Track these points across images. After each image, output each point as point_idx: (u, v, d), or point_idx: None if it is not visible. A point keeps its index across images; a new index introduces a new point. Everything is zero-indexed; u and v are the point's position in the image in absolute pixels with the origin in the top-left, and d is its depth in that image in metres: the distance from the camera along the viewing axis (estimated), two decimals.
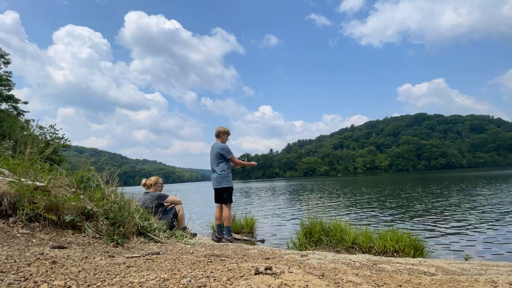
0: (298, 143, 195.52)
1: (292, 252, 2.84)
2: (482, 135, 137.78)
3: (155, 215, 3.33)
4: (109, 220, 2.30)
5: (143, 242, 2.43)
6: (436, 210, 8.00)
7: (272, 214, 8.80)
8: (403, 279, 1.64)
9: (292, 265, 1.83)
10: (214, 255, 2.10)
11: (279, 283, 1.29)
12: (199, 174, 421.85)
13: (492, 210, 7.36)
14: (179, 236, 3.02)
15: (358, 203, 10.71)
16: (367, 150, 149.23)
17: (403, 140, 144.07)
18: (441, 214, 7.21)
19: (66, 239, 1.95)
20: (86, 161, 3.13)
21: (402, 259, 2.84)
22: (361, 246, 3.91)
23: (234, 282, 1.30)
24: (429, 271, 2.19)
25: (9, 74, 21.97)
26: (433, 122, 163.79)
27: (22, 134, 8.92)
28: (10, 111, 21.29)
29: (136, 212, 2.62)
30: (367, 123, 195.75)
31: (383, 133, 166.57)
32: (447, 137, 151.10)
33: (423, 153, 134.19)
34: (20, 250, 1.54)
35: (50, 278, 1.19)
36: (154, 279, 1.28)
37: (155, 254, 1.94)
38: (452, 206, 8.61)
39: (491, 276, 1.87)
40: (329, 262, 2.22)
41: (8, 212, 1.92)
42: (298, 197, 15.17)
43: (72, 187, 2.52)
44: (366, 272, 1.80)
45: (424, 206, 8.97)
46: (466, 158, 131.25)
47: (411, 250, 3.62)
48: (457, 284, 1.56)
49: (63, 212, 2.10)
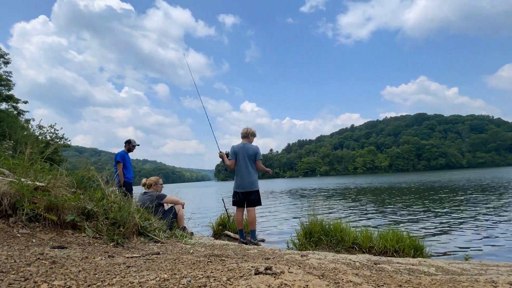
0: (298, 143, 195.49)
1: (292, 252, 2.84)
2: (482, 135, 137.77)
3: (155, 215, 3.33)
4: (109, 220, 2.30)
5: (143, 242, 2.43)
6: (436, 210, 8.00)
7: (272, 214, 8.80)
8: (403, 279, 1.64)
9: (292, 265, 1.83)
10: (214, 255, 2.10)
11: (279, 283, 1.29)
12: (199, 174, 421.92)
13: (492, 210, 7.36)
14: (179, 236, 3.02)
15: (358, 203, 10.72)
16: (367, 150, 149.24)
17: (403, 140, 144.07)
18: (441, 214, 7.21)
19: (66, 239, 1.95)
20: (86, 161, 3.13)
21: (402, 259, 2.83)
22: (361, 246, 3.91)
23: (234, 282, 1.30)
24: (429, 271, 2.19)
25: (9, 74, 21.98)
26: (433, 122, 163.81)
27: (23, 134, 8.92)
28: (10, 111, 21.30)
29: (136, 212, 2.62)
30: (367, 123, 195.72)
31: (383, 133, 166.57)
32: (447, 137, 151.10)
33: (423, 153, 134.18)
34: (20, 250, 1.54)
35: (50, 278, 1.19)
36: (154, 279, 1.28)
37: (155, 254, 1.93)
38: (452, 206, 8.61)
39: (491, 276, 1.87)
40: (329, 262, 2.22)
41: (8, 212, 1.92)
42: (298, 197, 15.18)
43: (72, 187, 2.52)
44: (366, 272, 1.80)
45: (424, 205, 8.97)
46: (466, 158, 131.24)
47: (411, 250, 3.61)
48: (457, 284, 1.56)
49: (63, 212, 2.10)
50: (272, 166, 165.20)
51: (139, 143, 6.01)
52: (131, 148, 5.85)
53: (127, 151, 5.80)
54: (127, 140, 5.86)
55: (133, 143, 5.85)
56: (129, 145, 5.81)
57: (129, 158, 5.83)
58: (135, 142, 5.90)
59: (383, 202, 10.77)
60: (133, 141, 5.88)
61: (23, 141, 4.07)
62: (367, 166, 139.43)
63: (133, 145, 5.85)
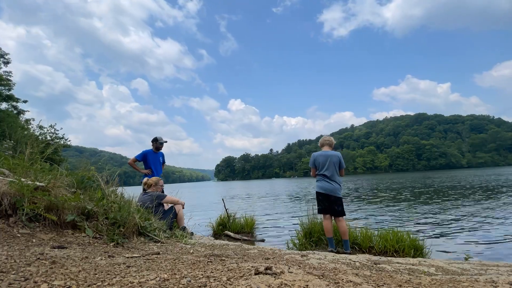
0: (298, 143, 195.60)
1: (292, 252, 2.84)
2: (482, 135, 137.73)
3: (155, 215, 3.33)
4: (109, 220, 2.30)
5: (143, 242, 2.43)
6: (436, 210, 8.00)
7: (272, 214, 8.80)
8: (403, 279, 1.64)
9: (292, 265, 1.83)
10: (214, 255, 2.10)
11: (279, 283, 1.29)
12: (199, 174, 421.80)
13: (492, 210, 7.36)
14: (179, 236, 3.02)
15: (358, 203, 10.72)
16: (367, 150, 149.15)
17: (403, 140, 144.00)
18: (441, 214, 7.21)
19: (66, 239, 1.95)
20: (86, 161, 3.13)
21: (402, 259, 2.84)
22: (361, 246, 3.91)
23: (234, 282, 1.30)
24: (429, 271, 2.19)
25: (9, 74, 21.98)
26: (433, 122, 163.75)
27: (23, 134, 8.93)
28: (10, 110, 21.30)
29: (136, 212, 2.62)
30: (367, 123, 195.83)
31: (383, 133, 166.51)
32: (447, 137, 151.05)
33: (423, 153, 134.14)
34: (20, 250, 1.54)
35: (50, 278, 1.19)
36: (154, 279, 1.28)
37: (155, 254, 1.94)
38: (452, 206, 8.61)
39: (491, 276, 1.87)
40: (329, 262, 2.22)
41: (8, 212, 1.92)
42: (298, 197, 15.17)
43: (72, 187, 2.52)
44: (366, 272, 1.80)
45: (424, 205, 8.97)
46: (466, 158, 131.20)
47: (411, 250, 3.61)
48: (457, 284, 1.56)
49: (63, 212, 2.10)
50: (272, 166, 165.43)
51: (166, 140, 5.42)
52: (159, 146, 5.30)
53: (155, 150, 5.28)
54: (154, 138, 5.33)
55: (159, 141, 5.28)
56: (156, 143, 5.27)
57: (156, 158, 5.29)
58: (162, 139, 5.33)
59: (383, 202, 10.77)
60: (159, 138, 5.31)
61: (23, 141, 4.07)
62: (367, 166, 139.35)
63: (160, 142, 5.29)
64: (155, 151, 5.29)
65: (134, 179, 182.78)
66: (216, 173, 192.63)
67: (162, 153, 5.45)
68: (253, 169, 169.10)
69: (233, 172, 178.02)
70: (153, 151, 5.28)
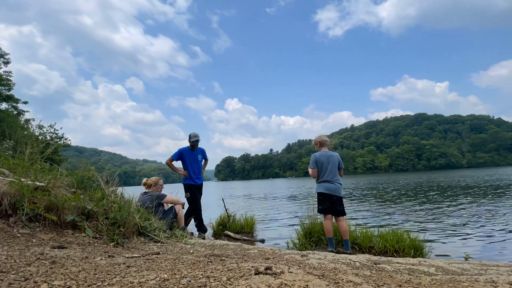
0: (298, 143, 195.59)
1: (292, 252, 2.84)
2: (482, 135, 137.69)
3: (155, 215, 3.33)
4: (109, 220, 2.30)
5: (143, 242, 2.43)
6: (436, 210, 8.00)
7: (272, 214, 8.80)
8: (403, 279, 1.64)
9: (292, 265, 1.83)
10: (214, 255, 2.10)
11: (279, 283, 1.29)
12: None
13: (492, 210, 7.36)
14: (179, 236, 3.02)
15: (358, 203, 10.72)
16: (367, 150, 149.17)
17: (403, 140, 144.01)
18: (441, 214, 7.21)
19: (66, 239, 1.95)
20: (86, 161, 3.13)
21: (402, 259, 2.83)
22: (361, 246, 3.91)
23: (234, 282, 1.30)
24: (429, 271, 2.19)
25: (9, 74, 21.98)
26: (433, 122, 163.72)
27: (23, 134, 8.93)
28: (10, 111, 21.30)
29: (136, 212, 2.62)
30: (367, 123, 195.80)
31: (383, 133, 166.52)
32: (447, 137, 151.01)
33: (423, 153, 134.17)
34: (20, 250, 1.54)
35: (50, 278, 1.19)
36: (154, 279, 1.28)
37: (155, 254, 1.94)
38: (452, 206, 8.61)
39: (491, 276, 1.87)
40: (329, 262, 2.22)
41: (8, 212, 1.92)
42: (298, 197, 15.17)
43: (72, 187, 2.52)
44: (366, 272, 1.80)
45: (424, 205, 8.97)
46: (466, 158, 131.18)
47: (411, 250, 3.62)
48: (457, 284, 1.56)
49: (63, 212, 2.10)
50: (272, 166, 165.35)
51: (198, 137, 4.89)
52: (192, 144, 4.85)
53: (191, 148, 4.87)
54: (188, 135, 4.91)
55: (191, 138, 4.83)
56: (190, 141, 4.85)
57: (194, 156, 4.88)
58: (194, 136, 4.85)
59: (383, 202, 10.77)
60: (192, 135, 4.85)
61: (23, 141, 4.07)
62: (367, 166, 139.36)
63: (192, 140, 4.82)
64: (191, 149, 4.90)
65: (134, 179, 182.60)
66: (216, 173, 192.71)
67: (201, 150, 5.05)
68: (253, 169, 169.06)
69: (233, 172, 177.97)
70: (190, 149, 4.89)
